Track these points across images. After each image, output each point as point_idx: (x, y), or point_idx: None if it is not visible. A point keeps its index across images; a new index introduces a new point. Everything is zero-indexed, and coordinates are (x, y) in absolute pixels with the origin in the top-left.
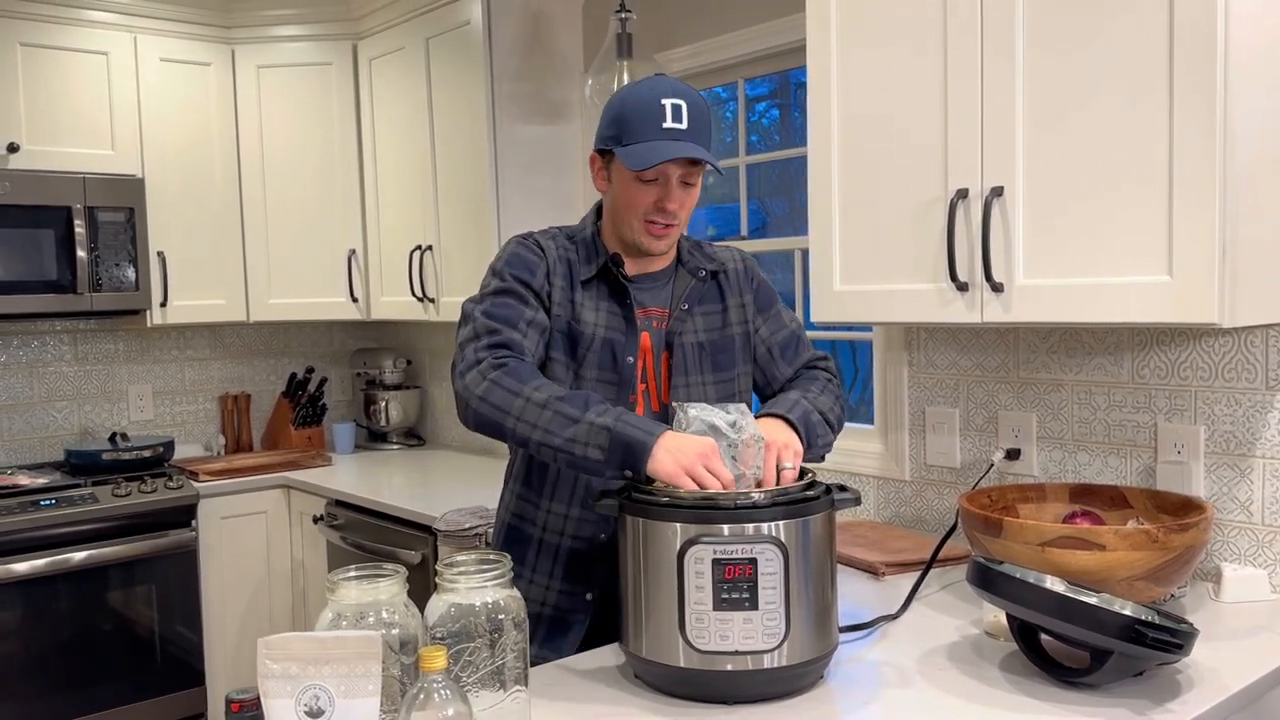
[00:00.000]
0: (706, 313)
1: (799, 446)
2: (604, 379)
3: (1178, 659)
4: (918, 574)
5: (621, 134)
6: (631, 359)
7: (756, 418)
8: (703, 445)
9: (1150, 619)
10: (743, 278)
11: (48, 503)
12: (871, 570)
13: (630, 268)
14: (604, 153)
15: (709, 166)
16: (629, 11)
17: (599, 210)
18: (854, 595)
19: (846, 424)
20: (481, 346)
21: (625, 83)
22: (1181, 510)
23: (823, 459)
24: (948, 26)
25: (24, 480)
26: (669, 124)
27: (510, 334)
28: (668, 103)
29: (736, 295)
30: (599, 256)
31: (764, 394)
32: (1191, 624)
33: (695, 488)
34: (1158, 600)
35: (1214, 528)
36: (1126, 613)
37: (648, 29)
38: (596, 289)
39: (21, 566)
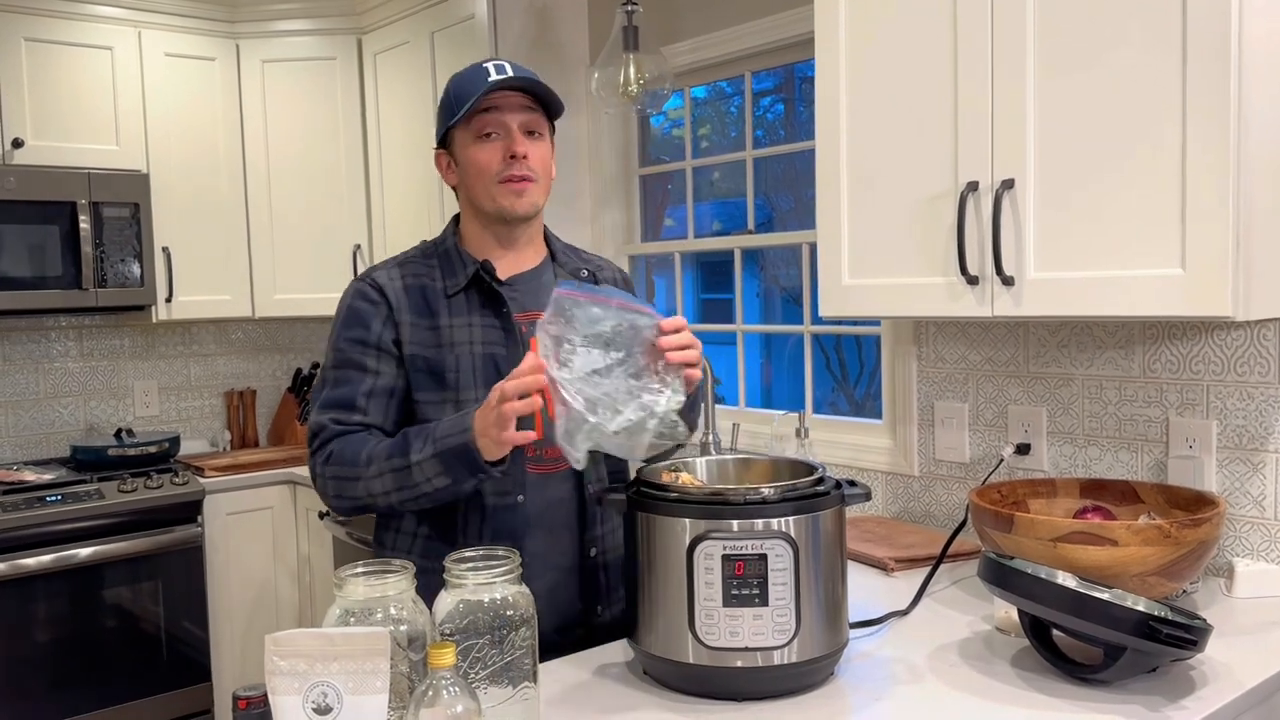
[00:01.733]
0: None
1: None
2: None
3: (1192, 655)
4: (927, 570)
5: (453, 107)
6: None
7: None
8: (490, 403)
9: (1163, 615)
10: (622, 287)
11: (53, 499)
12: (881, 566)
13: (503, 268)
14: (443, 143)
15: (553, 126)
16: (635, 5)
17: (457, 220)
18: (864, 591)
19: (854, 419)
20: (314, 451)
21: (631, 76)
22: (1194, 505)
23: (680, 445)
24: (958, 17)
25: (30, 476)
26: (494, 77)
27: (339, 425)
28: (490, 64)
29: None
30: (466, 266)
31: None
32: (1205, 620)
33: (528, 435)
34: (1170, 596)
35: (1226, 523)
36: (1140, 608)
37: (653, 22)
38: (467, 303)
39: (28, 562)
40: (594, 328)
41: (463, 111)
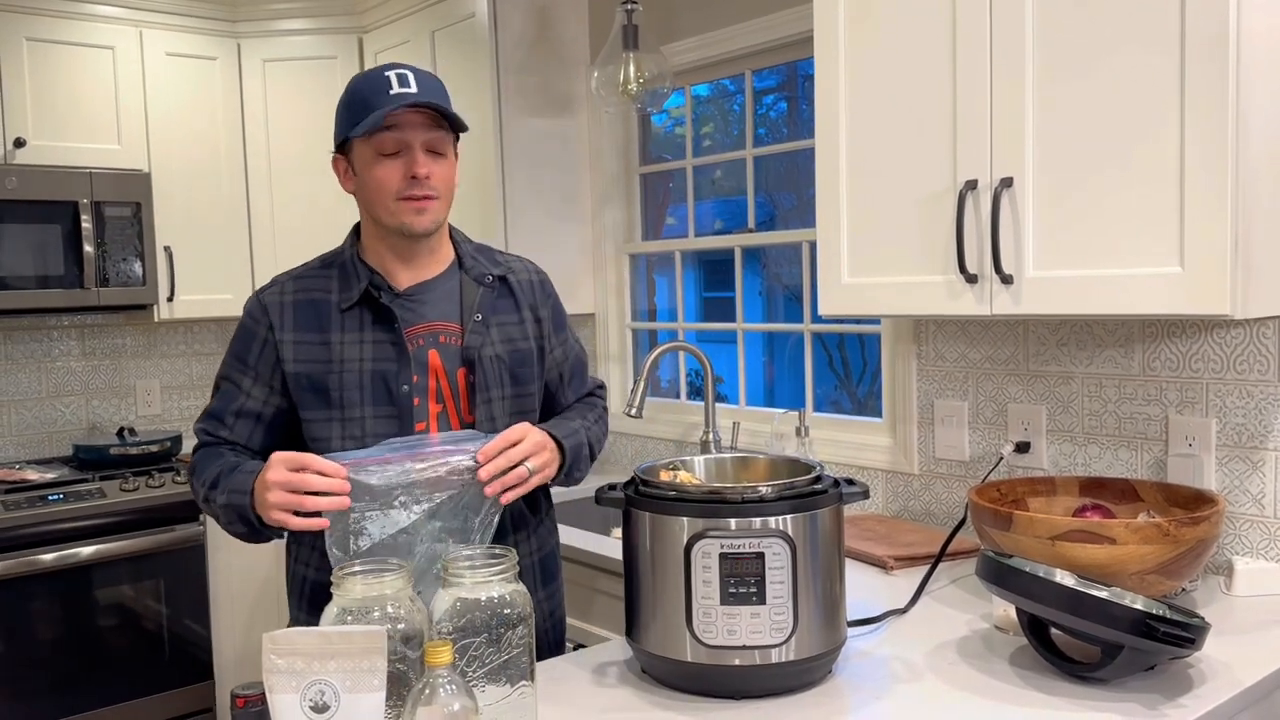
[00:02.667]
0: (502, 323)
1: (548, 459)
2: (380, 414)
3: (1189, 653)
4: (926, 568)
5: (353, 117)
6: (406, 387)
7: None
8: (266, 468)
9: (1161, 613)
10: (537, 290)
11: (56, 498)
12: (880, 564)
13: (404, 278)
14: (341, 148)
15: (456, 137)
16: (635, 3)
17: (357, 230)
18: (862, 589)
19: (855, 417)
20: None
21: (632, 75)
22: (1193, 503)
23: (571, 485)
24: (957, 16)
25: (32, 475)
26: (396, 90)
27: (208, 436)
28: (392, 73)
29: (530, 307)
30: (360, 280)
31: (542, 414)
32: (1203, 618)
33: (305, 521)
34: (1169, 594)
35: (1226, 521)
36: (1138, 607)
37: (654, 21)
38: (360, 317)
39: (30, 561)
40: (403, 482)
41: (362, 128)
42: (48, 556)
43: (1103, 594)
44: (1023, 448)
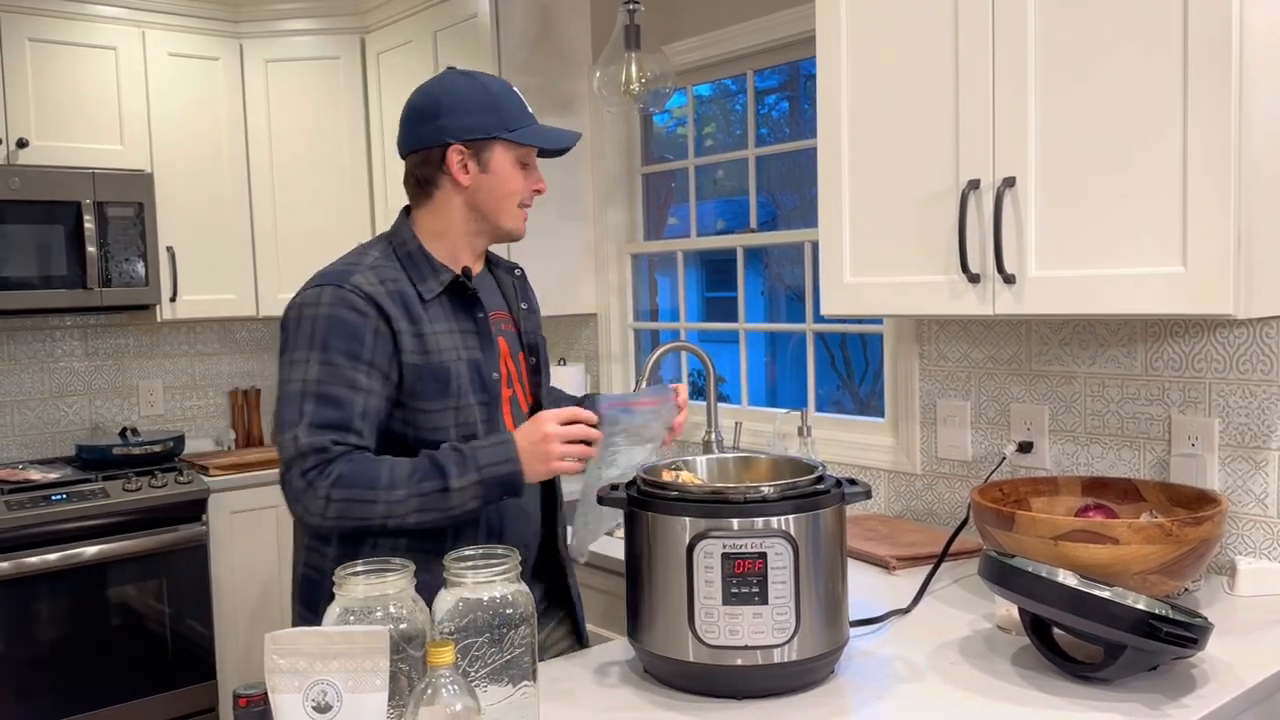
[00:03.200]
0: (529, 311)
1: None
2: (478, 400)
3: (1192, 653)
4: (929, 568)
5: (505, 121)
6: (496, 375)
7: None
8: (539, 427)
9: (1164, 613)
10: (520, 284)
11: (59, 498)
12: (882, 564)
13: (472, 271)
14: (474, 144)
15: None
16: (637, 3)
17: (401, 226)
18: (865, 589)
19: (857, 417)
20: (310, 470)
21: (634, 75)
22: (1196, 503)
23: None
24: (959, 16)
25: (35, 475)
26: (529, 107)
27: (340, 446)
28: (517, 91)
29: (533, 298)
30: (436, 273)
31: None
32: (1206, 618)
33: (575, 466)
34: (1171, 594)
35: (1228, 521)
36: (1140, 607)
37: (656, 21)
38: (440, 309)
39: (33, 561)
40: (639, 430)
41: (530, 138)
42: (51, 556)
43: (1105, 594)
44: (1025, 448)
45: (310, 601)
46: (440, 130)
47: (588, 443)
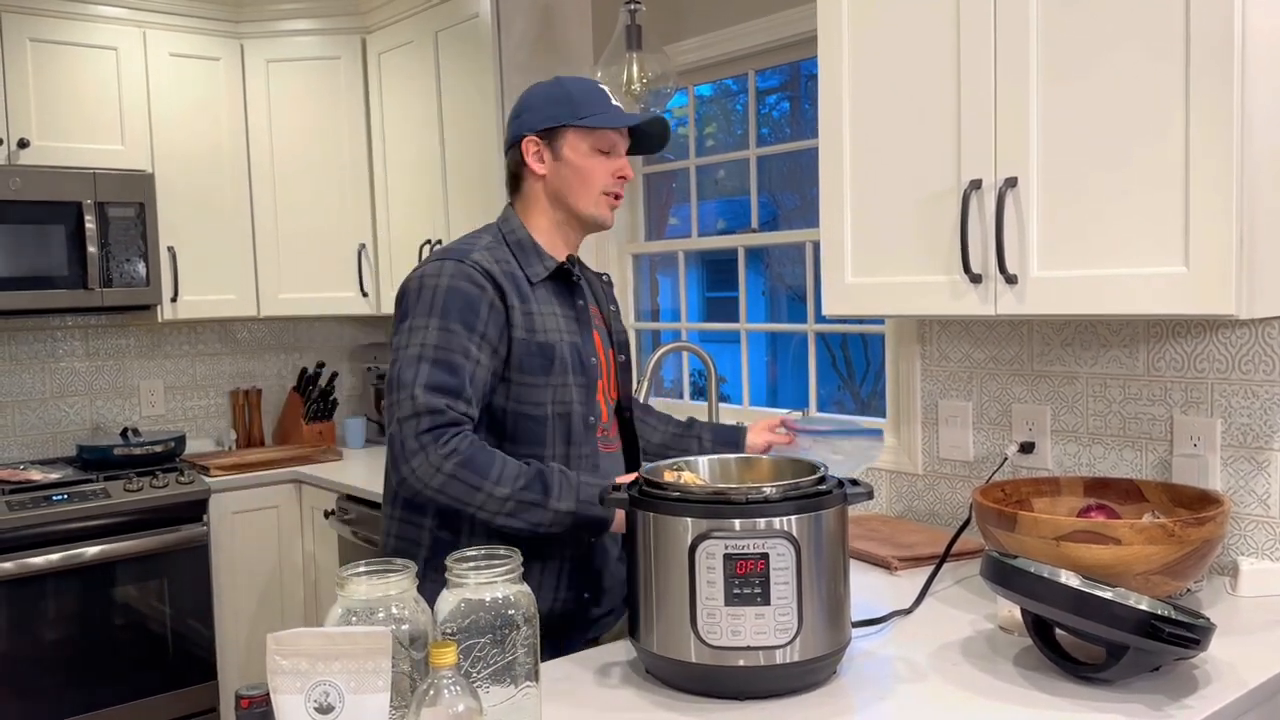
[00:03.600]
0: (616, 314)
1: None
2: (578, 382)
3: (1195, 654)
4: (931, 568)
5: (575, 110)
6: (594, 360)
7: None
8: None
9: (1166, 614)
10: (613, 290)
11: (60, 498)
12: (884, 565)
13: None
14: (546, 134)
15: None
16: (638, 3)
17: (508, 217)
18: (867, 590)
19: (858, 418)
20: (424, 431)
21: (635, 75)
22: (1198, 504)
23: None
24: (960, 16)
25: (36, 475)
26: (614, 101)
27: (454, 411)
28: (604, 86)
29: (616, 303)
30: (541, 259)
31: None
32: (1208, 618)
33: None
34: (1174, 595)
35: (1231, 521)
36: (1143, 607)
37: (657, 21)
38: (546, 291)
39: (34, 561)
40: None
41: (601, 120)
42: (52, 557)
43: (1107, 594)
44: (1027, 448)
45: None
46: (520, 125)
47: None
